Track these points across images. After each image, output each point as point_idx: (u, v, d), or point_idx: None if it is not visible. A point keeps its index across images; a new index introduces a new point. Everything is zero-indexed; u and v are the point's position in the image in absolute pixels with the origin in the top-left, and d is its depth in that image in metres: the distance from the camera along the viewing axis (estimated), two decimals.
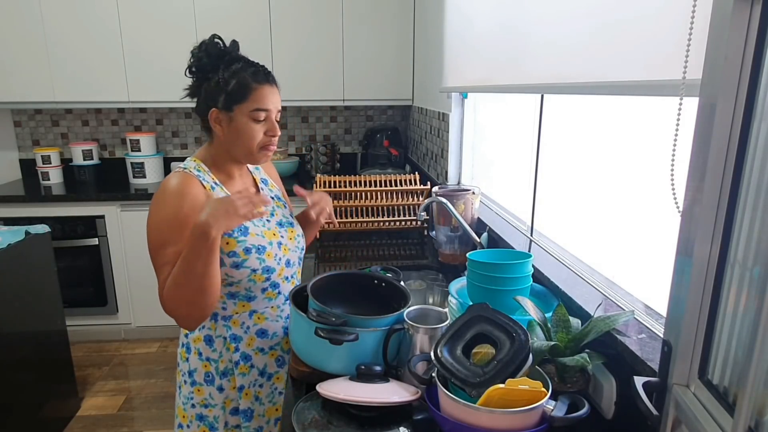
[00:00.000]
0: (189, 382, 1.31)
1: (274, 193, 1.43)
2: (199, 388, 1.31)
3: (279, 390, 1.36)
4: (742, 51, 0.56)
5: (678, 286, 0.66)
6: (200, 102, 1.23)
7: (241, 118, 1.19)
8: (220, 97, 1.19)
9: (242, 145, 1.21)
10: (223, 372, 1.29)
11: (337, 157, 3.55)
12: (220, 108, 1.19)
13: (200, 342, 1.29)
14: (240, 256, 1.21)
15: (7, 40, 3.01)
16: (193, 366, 1.30)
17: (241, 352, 1.29)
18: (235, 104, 1.18)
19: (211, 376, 1.30)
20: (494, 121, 2.13)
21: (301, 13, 3.14)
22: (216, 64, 1.20)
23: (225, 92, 1.18)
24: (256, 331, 1.30)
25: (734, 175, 0.58)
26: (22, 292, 2.15)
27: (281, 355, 1.35)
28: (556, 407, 0.83)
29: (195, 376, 1.30)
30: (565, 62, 1.16)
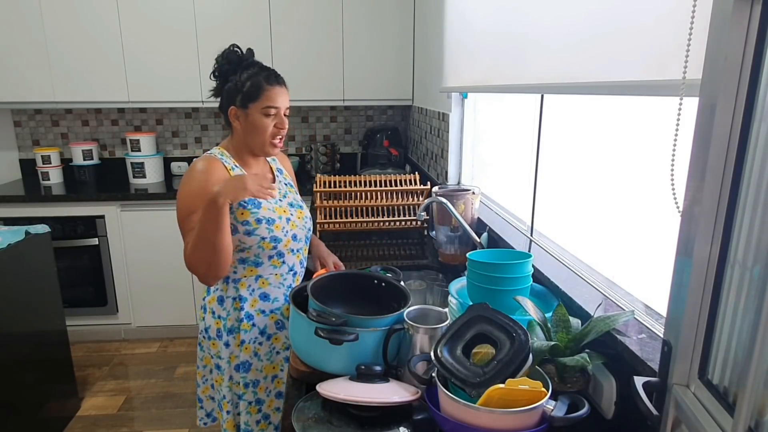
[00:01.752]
0: (207, 337, 1.50)
1: (288, 181, 1.62)
2: (214, 342, 1.49)
3: (277, 350, 1.52)
4: (742, 51, 0.56)
5: (678, 286, 0.66)
6: (222, 101, 1.45)
7: (255, 114, 1.41)
8: (238, 97, 1.41)
9: (257, 137, 1.43)
10: (230, 329, 1.46)
11: (337, 157, 3.55)
12: (238, 106, 1.41)
13: (214, 302, 1.48)
14: (252, 225, 1.40)
15: (7, 40, 3.01)
16: (208, 323, 1.49)
17: (245, 311, 1.45)
18: (250, 102, 1.40)
19: (221, 332, 1.47)
20: (494, 121, 2.13)
21: (301, 14, 3.15)
22: (235, 68, 1.42)
23: (241, 92, 1.40)
24: (260, 294, 1.47)
25: (734, 175, 0.58)
26: (22, 292, 2.15)
27: (280, 320, 1.51)
28: (556, 407, 0.83)
29: (210, 332, 1.49)
30: (565, 62, 1.16)
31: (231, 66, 1.43)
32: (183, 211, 1.37)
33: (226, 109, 1.44)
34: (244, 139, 1.44)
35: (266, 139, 1.43)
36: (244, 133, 1.43)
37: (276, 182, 1.55)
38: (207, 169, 1.38)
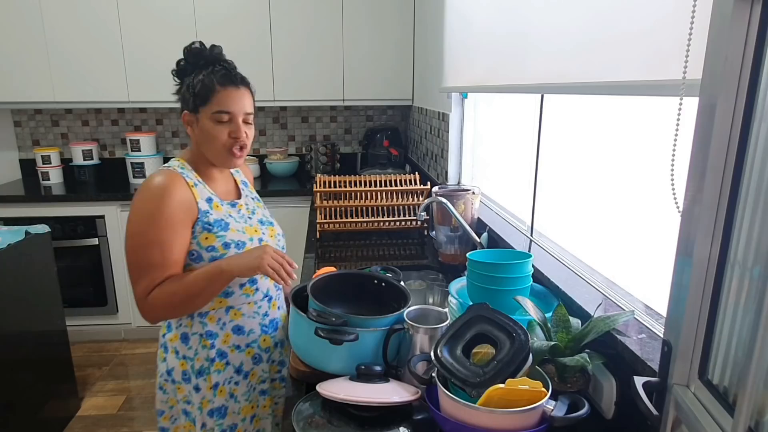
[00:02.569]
0: (170, 380, 1.31)
1: (254, 195, 1.46)
2: (179, 386, 1.31)
3: (254, 386, 1.35)
4: (742, 51, 0.56)
5: (678, 286, 0.66)
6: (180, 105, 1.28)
7: (205, 120, 1.22)
8: (190, 100, 1.22)
9: (210, 146, 1.24)
10: (199, 371, 1.28)
11: (337, 157, 3.55)
12: (190, 110, 1.23)
13: (176, 341, 1.29)
14: (219, 251, 1.22)
15: (7, 40, 3.01)
16: (170, 365, 1.30)
17: (216, 348, 1.27)
18: (200, 106, 1.21)
19: (188, 375, 1.29)
20: (494, 121, 2.13)
21: (301, 14, 3.14)
22: (193, 67, 1.25)
23: (192, 94, 1.22)
24: (232, 328, 1.29)
25: (734, 175, 0.58)
26: (22, 292, 2.15)
27: (258, 353, 1.33)
28: (556, 407, 0.83)
29: (174, 375, 1.30)
30: (565, 62, 1.16)
31: (188, 64, 1.25)
32: (136, 240, 1.16)
33: (181, 113, 1.26)
34: (199, 148, 1.26)
35: (220, 150, 1.22)
36: (198, 141, 1.25)
37: (243, 197, 1.37)
38: (165, 188, 1.16)
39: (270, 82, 3.22)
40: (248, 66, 3.25)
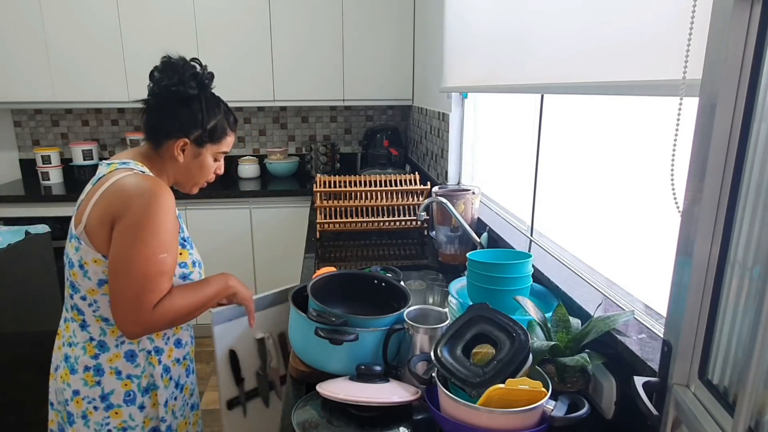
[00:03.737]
0: (103, 407, 1.21)
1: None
2: (117, 410, 1.22)
3: (189, 403, 1.36)
4: (742, 51, 0.56)
5: (678, 286, 0.66)
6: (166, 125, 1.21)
7: (207, 156, 1.26)
8: (196, 131, 1.22)
9: (196, 176, 1.28)
10: (146, 388, 1.24)
11: (337, 157, 3.55)
12: (191, 140, 1.23)
13: (118, 360, 1.21)
14: (189, 268, 1.25)
15: (7, 40, 3.01)
16: (108, 388, 1.20)
17: (163, 364, 1.26)
18: (209, 143, 1.25)
19: (132, 395, 1.22)
20: (494, 121, 2.13)
21: (301, 14, 3.14)
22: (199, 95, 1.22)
23: (203, 129, 1.22)
24: (174, 341, 1.30)
25: (734, 175, 0.58)
26: (22, 292, 2.15)
27: (189, 365, 1.35)
28: (556, 407, 0.83)
29: (111, 399, 1.21)
30: (565, 62, 1.16)
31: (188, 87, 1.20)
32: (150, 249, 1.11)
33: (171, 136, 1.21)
34: (176, 171, 1.26)
35: (200, 181, 1.29)
36: (184, 169, 1.25)
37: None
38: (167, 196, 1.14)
39: (270, 82, 3.22)
40: (248, 66, 3.27)
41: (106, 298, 1.17)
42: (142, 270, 1.10)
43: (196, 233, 3.13)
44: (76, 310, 1.21)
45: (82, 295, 1.19)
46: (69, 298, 1.23)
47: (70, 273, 1.19)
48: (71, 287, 1.20)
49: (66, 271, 1.21)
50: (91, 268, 1.15)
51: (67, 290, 1.23)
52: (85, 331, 1.21)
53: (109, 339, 1.21)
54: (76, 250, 1.15)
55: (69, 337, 1.23)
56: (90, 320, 1.20)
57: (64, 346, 1.24)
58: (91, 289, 1.17)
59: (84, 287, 1.17)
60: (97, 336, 1.21)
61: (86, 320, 1.21)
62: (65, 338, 1.25)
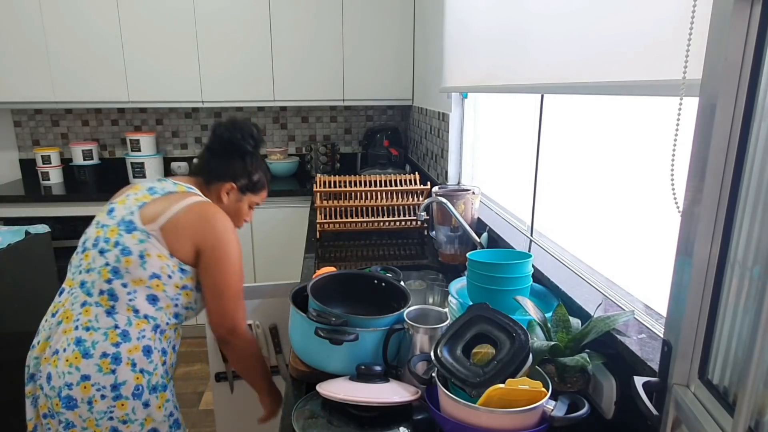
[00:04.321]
0: (111, 396, 1.23)
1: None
2: (123, 402, 1.24)
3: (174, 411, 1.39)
4: (742, 51, 0.56)
5: (678, 286, 0.66)
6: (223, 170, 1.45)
7: (246, 202, 1.50)
8: (243, 180, 1.46)
9: (233, 220, 1.47)
10: (154, 387, 1.28)
11: (337, 157, 3.55)
12: (237, 187, 1.46)
13: (137, 352, 1.25)
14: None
15: (7, 40, 3.01)
16: (121, 378, 1.23)
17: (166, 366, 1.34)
18: (249, 192, 1.49)
19: (141, 390, 1.25)
20: (494, 121, 2.13)
21: (301, 14, 3.15)
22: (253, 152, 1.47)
23: (249, 179, 1.47)
24: (172, 347, 1.38)
25: (734, 175, 0.58)
26: (22, 292, 2.15)
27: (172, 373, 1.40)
28: (556, 407, 0.83)
29: (121, 390, 1.23)
30: (565, 62, 1.16)
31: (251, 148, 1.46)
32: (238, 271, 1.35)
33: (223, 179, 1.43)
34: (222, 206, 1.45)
35: (237, 225, 1.50)
36: (225, 208, 1.44)
37: None
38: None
39: (270, 82, 3.22)
40: (248, 66, 3.27)
41: (147, 291, 1.26)
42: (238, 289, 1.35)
43: None
44: (108, 295, 1.25)
45: (124, 282, 1.25)
46: (104, 282, 1.25)
47: (121, 259, 1.25)
48: (113, 272, 1.25)
49: (105, 257, 1.26)
50: (152, 260, 1.26)
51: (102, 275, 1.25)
52: (111, 317, 1.24)
53: (132, 330, 1.25)
54: (141, 242, 1.26)
55: (87, 321, 1.24)
56: (121, 308, 1.25)
57: (78, 330, 1.24)
58: (140, 279, 1.25)
59: (132, 275, 1.25)
60: (122, 325, 1.24)
61: (116, 307, 1.25)
62: (80, 321, 1.24)
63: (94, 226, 1.33)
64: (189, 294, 1.33)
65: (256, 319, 1.68)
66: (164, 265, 1.27)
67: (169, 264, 1.27)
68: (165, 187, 1.36)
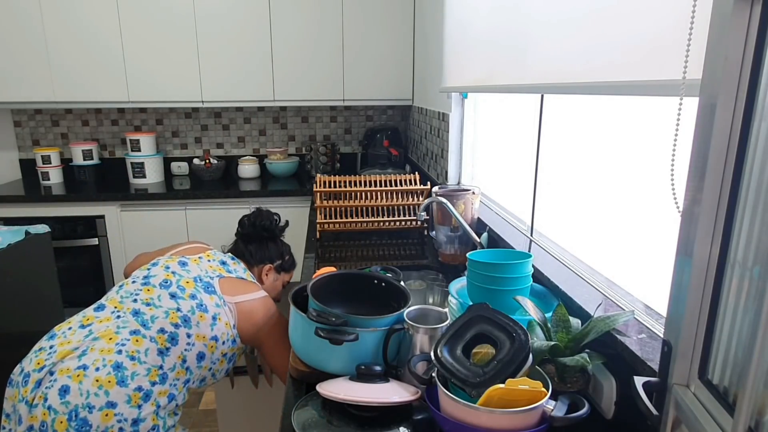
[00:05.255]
0: (130, 430, 1.21)
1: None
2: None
3: None
4: (742, 51, 0.56)
5: (678, 286, 0.66)
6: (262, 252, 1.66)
7: (280, 281, 1.71)
8: (278, 261, 1.68)
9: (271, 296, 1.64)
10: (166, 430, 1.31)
11: (337, 157, 3.55)
12: (274, 267, 1.67)
13: (164, 396, 1.28)
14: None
15: (7, 40, 3.01)
16: (143, 415, 1.23)
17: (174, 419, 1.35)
18: (283, 272, 1.71)
19: (156, 430, 1.27)
20: (494, 121, 2.13)
21: (301, 14, 3.15)
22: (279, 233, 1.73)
23: (283, 260, 1.70)
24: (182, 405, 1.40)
25: (734, 175, 0.58)
26: (22, 292, 2.15)
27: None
28: (556, 407, 0.83)
29: (140, 426, 1.23)
30: (565, 62, 1.16)
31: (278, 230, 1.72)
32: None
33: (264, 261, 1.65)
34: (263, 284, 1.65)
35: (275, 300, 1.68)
36: (266, 287, 1.65)
37: None
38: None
39: (270, 82, 3.22)
40: (248, 66, 3.28)
41: (202, 348, 1.35)
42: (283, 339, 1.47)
43: (196, 233, 3.13)
44: (168, 338, 1.30)
45: (189, 333, 1.34)
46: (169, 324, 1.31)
47: (196, 312, 1.36)
48: (183, 320, 1.34)
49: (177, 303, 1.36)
50: (220, 325, 1.38)
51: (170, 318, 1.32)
52: (161, 357, 1.29)
53: (171, 375, 1.31)
54: (217, 306, 1.39)
55: (135, 351, 1.26)
56: (174, 353, 1.31)
57: (121, 354, 1.23)
58: (204, 336, 1.35)
59: (200, 330, 1.35)
60: (167, 368, 1.30)
61: (170, 351, 1.31)
62: (126, 348, 1.25)
63: (162, 268, 1.43)
64: (224, 362, 1.42)
65: None
66: (226, 332, 1.39)
67: (230, 333, 1.40)
68: (237, 270, 1.53)
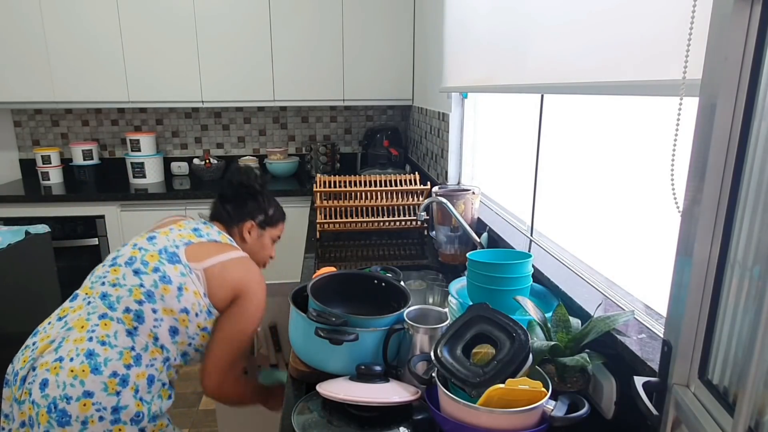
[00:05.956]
0: (110, 419, 1.18)
1: None
2: (121, 427, 1.20)
3: None
4: (742, 51, 0.56)
5: (678, 286, 0.66)
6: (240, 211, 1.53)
7: (267, 237, 1.58)
8: (260, 216, 1.54)
9: (259, 255, 1.57)
10: (153, 416, 1.26)
11: (337, 157, 3.55)
12: (257, 224, 1.54)
13: (143, 379, 1.23)
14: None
15: (7, 40, 3.01)
16: (124, 402, 1.20)
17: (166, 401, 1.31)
18: (268, 227, 1.57)
19: (141, 417, 1.23)
20: (494, 121, 2.13)
21: (301, 14, 3.15)
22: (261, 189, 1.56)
23: (265, 215, 1.55)
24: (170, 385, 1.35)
25: (734, 175, 0.58)
26: (22, 292, 2.15)
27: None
28: (556, 407, 0.83)
29: (122, 414, 1.19)
30: (565, 62, 1.16)
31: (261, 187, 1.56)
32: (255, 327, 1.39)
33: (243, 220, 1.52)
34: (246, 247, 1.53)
35: (262, 260, 1.57)
36: (250, 247, 1.54)
37: None
38: None
39: (270, 82, 3.22)
40: (248, 66, 3.27)
41: (172, 322, 1.28)
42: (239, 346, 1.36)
43: None
44: (135, 316, 1.24)
45: (155, 308, 1.26)
46: (134, 302, 1.24)
47: (159, 285, 1.27)
48: (146, 295, 1.25)
49: (140, 278, 1.27)
50: (188, 295, 1.29)
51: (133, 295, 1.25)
52: (131, 338, 1.23)
53: (146, 356, 1.25)
54: (182, 275, 1.29)
55: (104, 335, 1.21)
56: (143, 331, 1.25)
57: (92, 341, 1.20)
58: (171, 309, 1.27)
59: (166, 303, 1.26)
60: (139, 348, 1.24)
61: (138, 329, 1.24)
62: (96, 334, 1.21)
63: (130, 247, 1.36)
64: (205, 337, 1.35)
65: None
66: (196, 302, 1.29)
67: (201, 303, 1.30)
68: (210, 233, 1.42)
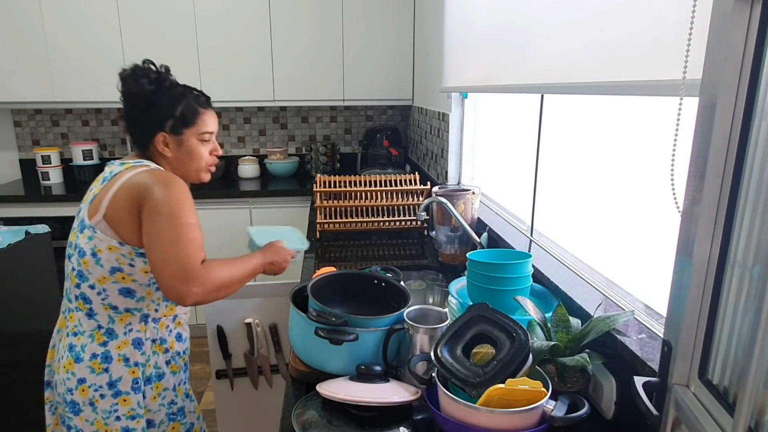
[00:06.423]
0: (110, 394, 1.23)
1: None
2: (125, 398, 1.24)
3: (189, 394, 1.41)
4: (742, 51, 0.56)
5: (678, 286, 0.66)
6: (142, 127, 1.27)
7: (191, 140, 1.29)
8: (168, 122, 1.26)
9: (192, 164, 1.31)
10: (148, 378, 1.28)
11: (337, 157, 3.55)
12: (168, 132, 1.27)
13: (127, 347, 1.24)
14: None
15: (7, 40, 3.01)
16: (116, 375, 1.23)
17: (171, 353, 1.33)
18: (184, 128, 1.28)
19: (139, 383, 1.25)
20: (494, 121, 2.13)
21: (301, 14, 3.14)
22: (157, 88, 1.25)
23: (173, 117, 1.26)
24: (176, 335, 1.35)
25: (734, 175, 0.58)
26: (22, 292, 2.15)
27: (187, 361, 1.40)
28: (556, 407, 0.83)
29: (119, 386, 1.24)
30: (565, 62, 1.16)
31: (152, 84, 1.25)
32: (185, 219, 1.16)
33: (150, 135, 1.26)
34: (172, 167, 1.29)
35: (203, 166, 1.32)
36: (175, 161, 1.29)
37: None
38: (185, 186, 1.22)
39: (270, 82, 3.22)
40: (248, 66, 3.27)
41: (116, 285, 1.22)
42: (176, 234, 1.14)
43: None
44: (82, 299, 1.24)
45: (91, 284, 1.22)
46: (74, 288, 1.25)
47: (80, 262, 1.22)
48: (78, 276, 1.23)
49: (71, 262, 1.25)
50: (104, 255, 1.19)
51: (72, 281, 1.25)
52: (93, 319, 1.24)
53: (117, 327, 1.25)
54: (90, 239, 1.19)
55: (74, 327, 1.26)
56: (98, 308, 1.24)
57: (69, 336, 1.26)
58: (103, 276, 1.21)
59: (94, 275, 1.21)
60: (105, 324, 1.24)
61: (93, 308, 1.24)
62: (69, 328, 1.27)
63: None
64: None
65: (256, 317, 1.69)
66: (119, 255, 1.18)
67: (124, 253, 1.18)
68: (113, 171, 1.23)
